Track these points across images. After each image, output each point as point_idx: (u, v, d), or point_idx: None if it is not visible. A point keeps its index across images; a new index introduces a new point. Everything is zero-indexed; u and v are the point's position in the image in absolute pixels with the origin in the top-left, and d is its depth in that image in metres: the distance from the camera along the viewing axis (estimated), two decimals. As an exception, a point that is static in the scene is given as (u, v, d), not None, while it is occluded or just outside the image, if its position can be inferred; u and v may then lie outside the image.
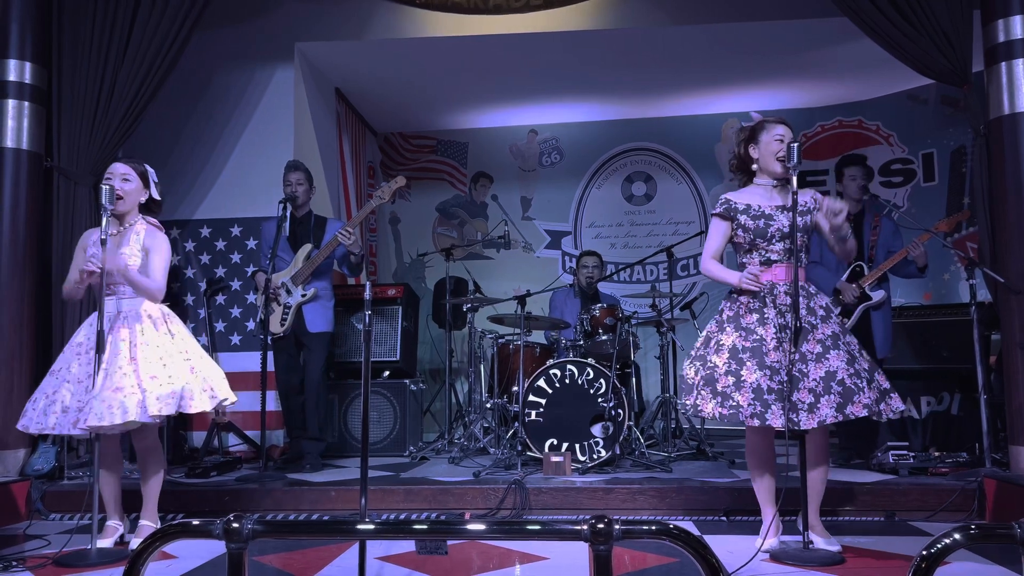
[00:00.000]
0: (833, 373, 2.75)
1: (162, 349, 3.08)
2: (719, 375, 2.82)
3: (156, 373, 3.00)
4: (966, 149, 6.23)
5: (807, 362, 2.77)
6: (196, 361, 3.14)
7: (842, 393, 2.72)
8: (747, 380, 2.76)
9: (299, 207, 4.50)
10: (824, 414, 2.70)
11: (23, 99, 4.24)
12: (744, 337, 2.84)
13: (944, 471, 3.84)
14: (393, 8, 5.31)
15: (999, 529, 1.41)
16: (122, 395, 2.92)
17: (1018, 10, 3.78)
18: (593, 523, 1.42)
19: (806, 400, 2.73)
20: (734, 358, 2.82)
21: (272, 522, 1.59)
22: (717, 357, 2.85)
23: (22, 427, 3.07)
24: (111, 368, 2.97)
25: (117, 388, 2.93)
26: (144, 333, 3.09)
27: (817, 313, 2.87)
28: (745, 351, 2.81)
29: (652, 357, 6.38)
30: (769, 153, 2.94)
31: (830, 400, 2.71)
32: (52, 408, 3.02)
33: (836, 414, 2.70)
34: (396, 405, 5.09)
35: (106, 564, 2.91)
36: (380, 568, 2.84)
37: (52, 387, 3.08)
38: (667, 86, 6.51)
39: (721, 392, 2.80)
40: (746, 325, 2.86)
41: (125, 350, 3.03)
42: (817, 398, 2.72)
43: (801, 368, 2.76)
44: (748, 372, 2.77)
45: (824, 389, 2.73)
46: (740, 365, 2.79)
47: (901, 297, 6.14)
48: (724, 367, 2.82)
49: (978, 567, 2.73)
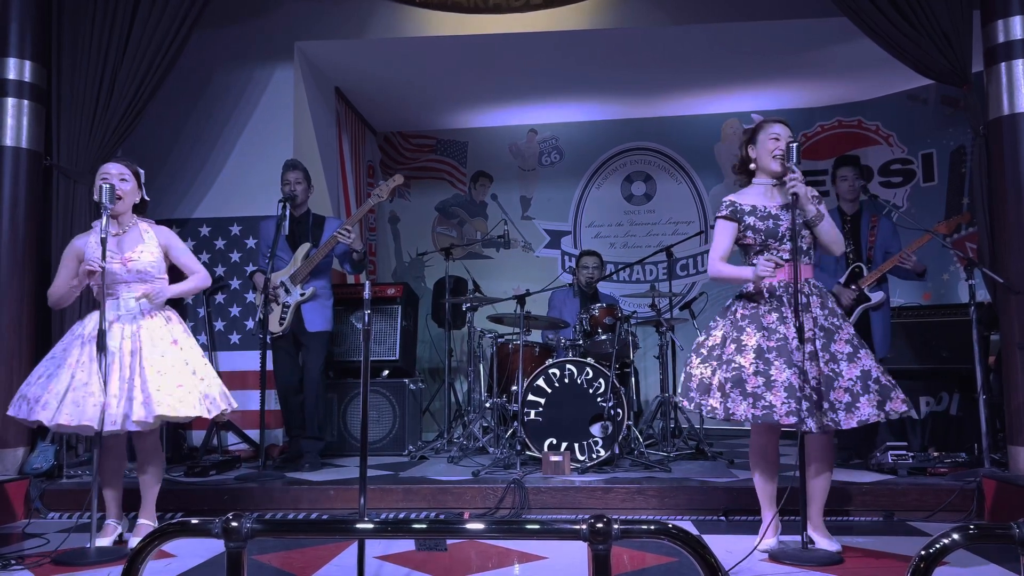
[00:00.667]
0: (868, 372, 2.75)
1: (163, 355, 3.07)
2: (747, 375, 2.77)
3: (155, 379, 3.00)
4: (966, 149, 6.23)
5: (838, 362, 2.77)
6: (197, 368, 3.13)
7: (879, 391, 2.73)
8: (777, 379, 2.74)
9: (298, 206, 4.50)
10: (866, 413, 2.70)
11: (23, 97, 4.23)
12: (768, 337, 2.82)
13: (943, 471, 3.84)
14: (393, 7, 5.31)
15: (998, 529, 1.41)
16: (121, 401, 2.92)
17: (1018, 10, 3.78)
18: (592, 522, 1.42)
19: (843, 399, 2.72)
20: (760, 358, 2.78)
21: (271, 521, 1.59)
22: (742, 358, 2.80)
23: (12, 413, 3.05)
24: (110, 372, 2.97)
25: (128, 397, 2.94)
26: (144, 338, 3.07)
27: (837, 313, 2.88)
28: (771, 351, 2.79)
29: (651, 357, 6.39)
30: (766, 152, 2.95)
31: (870, 399, 2.71)
32: (45, 392, 2.97)
33: (878, 412, 2.70)
34: (395, 404, 5.09)
35: (105, 563, 2.91)
36: (379, 567, 2.84)
37: (47, 370, 3.04)
38: (667, 86, 6.51)
39: (752, 393, 2.75)
40: (768, 325, 2.84)
41: (125, 355, 3.02)
42: (855, 397, 2.71)
43: (834, 368, 2.76)
44: (777, 371, 2.75)
45: (862, 388, 2.72)
46: (768, 365, 2.77)
47: (900, 297, 6.14)
48: (752, 367, 2.78)
49: (977, 567, 2.73)
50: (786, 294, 2.86)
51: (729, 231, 2.98)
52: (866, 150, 6.76)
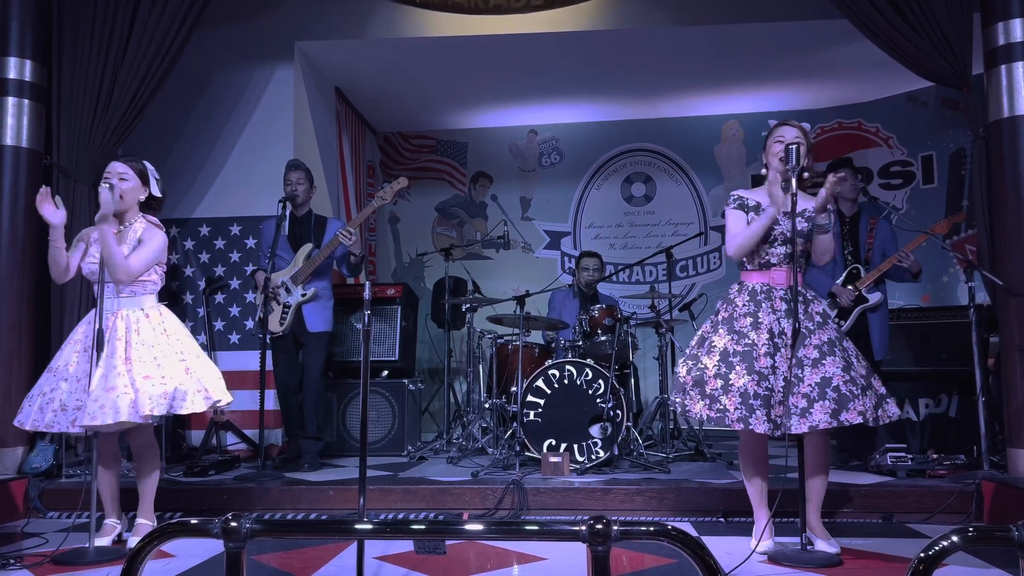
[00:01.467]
0: (828, 379, 2.75)
1: (157, 348, 3.07)
2: (708, 377, 2.84)
3: (150, 373, 3.00)
4: (966, 151, 6.24)
5: (803, 367, 2.78)
6: (191, 361, 3.13)
7: (837, 399, 2.73)
8: (735, 384, 2.78)
9: (299, 206, 4.50)
10: (817, 419, 2.71)
11: (23, 97, 4.24)
12: (736, 341, 2.85)
13: (942, 473, 3.84)
14: (393, 7, 5.31)
15: (997, 531, 1.41)
16: (115, 395, 2.91)
17: (1018, 13, 3.79)
18: (591, 524, 1.42)
19: (799, 405, 2.74)
20: (724, 361, 2.83)
21: (270, 521, 1.59)
22: (708, 359, 2.87)
23: (18, 423, 3.07)
24: (106, 367, 2.97)
25: (111, 388, 2.93)
26: (140, 332, 3.08)
27: (814, 319, 2.87)
28: (736, 355, 2.82)
29: (651, 358, 6.39)
30: (772, 154, 2.96)
31: (824, 406, 2.72)
32: (50, 405, 3.02)
33: (830, 420, 2.71)
34: (395, 405, 5.09)
35: (104, 562, 2.91)
36: (378, 568, 2.84)
37: (49, 384, 3.07)
38: (667, 87, 6.51)
39: (709, 394, 2.82)
40: (739, 328, 2.86)
41: (120, 349, 3.02)
42: (811, 403, 2.73)
43: (797, 373, 2.77)
44: (736, 376, 2.78)
45: (819, 395, 2.73)
46: (729, 369, 2.81)
47: (900, 299, 6.14)
48: (714, 369, 2.84)
49: (976, 570, 2.73)
50: (766, 300, 2.88)
51: (741, 216, 2.98)
52: (866, 152, 6.77)
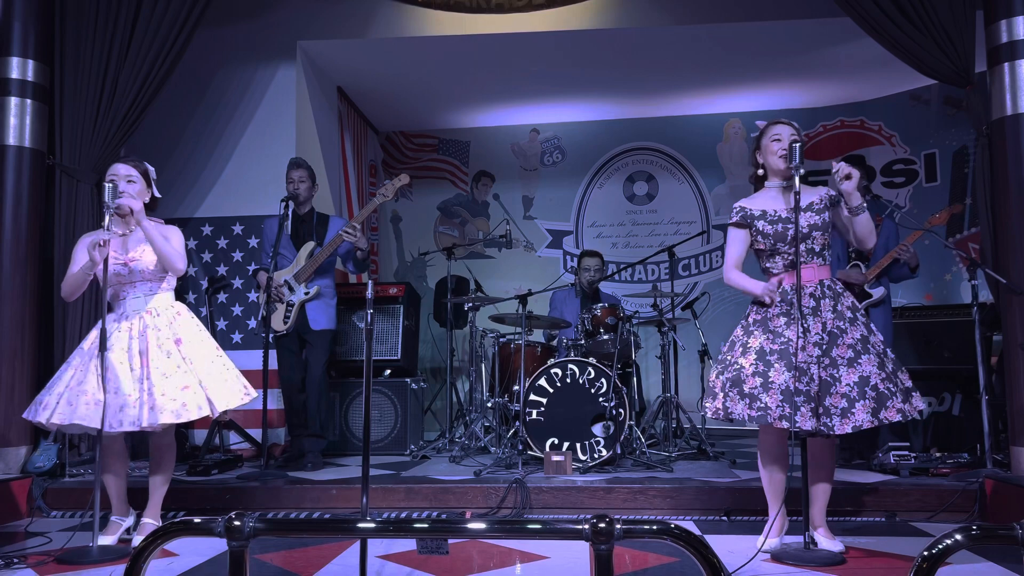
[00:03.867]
0: (866, 378, 2.74)
1: (167, 355, 3.05)
2: (746, 376, 2.80)
3: (158, 381, 2.99)
4: (968, 150, 6.22)
5: (838, 367, 2.77)
6: (200, 368, 3.09)
7: (876, 398, 2.72)
8: (775, 381, 2.75)
9: (301, 204, 4.50)
10: (860, 419, 2.70)
11: (25, 96, 4.24)
12: (772, 340, 2.83)
13: (945, 472, 3.84)
14: (395, 7, 5.31)
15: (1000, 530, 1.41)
16: (130, 401, 2.92)
17: (1021, 10, 3.78)
18: (594, 522, 1.42)
19: (839, 405, 2.73)
20: (761, 359, 2.80)
21: (273, 520, 1.59)
22: (744, 359, 2.84)
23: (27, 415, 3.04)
24: (117, 373, 2.97)
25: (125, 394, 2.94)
26: (150, 338, 3.06)
27: (845, 316, 2.84)
28: (773, 353, 2.80)
29: (653, 357, 6.38)
30: (770, 153, 2.95)
31: (865, 405, 2.71)
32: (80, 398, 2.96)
33: (872, 419, 2.70)
34: (397, 404, 5.09)
35: (107, 561, 2.91)
36: (381, 566, 2.84)
37: (76, 378, 3.02)
38: (669, 86, 6.50)
39: (748, 394, 2.78)
40: (774, 328, 2.85)
41: (131, 355, 3.02)
42: (851, 403, 2.72)
43: (833, 373, 2.76)
44: (776, 373, 2.76)
45: (859, 394, 2.72)
46: (768, 367, 2.78)
47: (903, 298, 6.14)
48: (751, 368, 2.81)
49: (979, 568, 2.73)
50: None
51: (741, 238, 3.00)
52: (868, 150, 6.75)
